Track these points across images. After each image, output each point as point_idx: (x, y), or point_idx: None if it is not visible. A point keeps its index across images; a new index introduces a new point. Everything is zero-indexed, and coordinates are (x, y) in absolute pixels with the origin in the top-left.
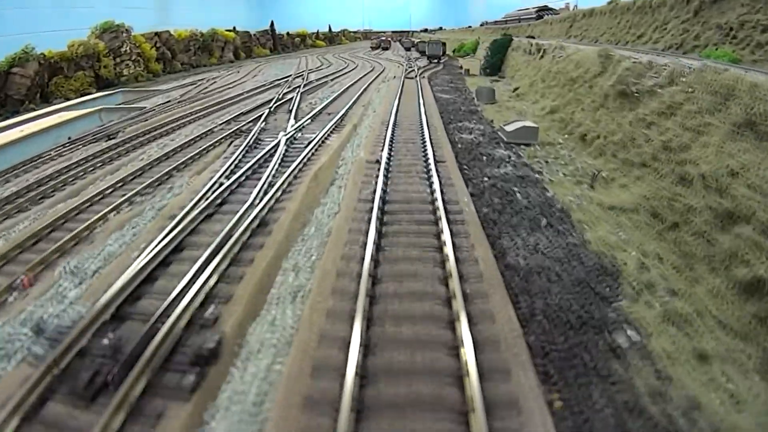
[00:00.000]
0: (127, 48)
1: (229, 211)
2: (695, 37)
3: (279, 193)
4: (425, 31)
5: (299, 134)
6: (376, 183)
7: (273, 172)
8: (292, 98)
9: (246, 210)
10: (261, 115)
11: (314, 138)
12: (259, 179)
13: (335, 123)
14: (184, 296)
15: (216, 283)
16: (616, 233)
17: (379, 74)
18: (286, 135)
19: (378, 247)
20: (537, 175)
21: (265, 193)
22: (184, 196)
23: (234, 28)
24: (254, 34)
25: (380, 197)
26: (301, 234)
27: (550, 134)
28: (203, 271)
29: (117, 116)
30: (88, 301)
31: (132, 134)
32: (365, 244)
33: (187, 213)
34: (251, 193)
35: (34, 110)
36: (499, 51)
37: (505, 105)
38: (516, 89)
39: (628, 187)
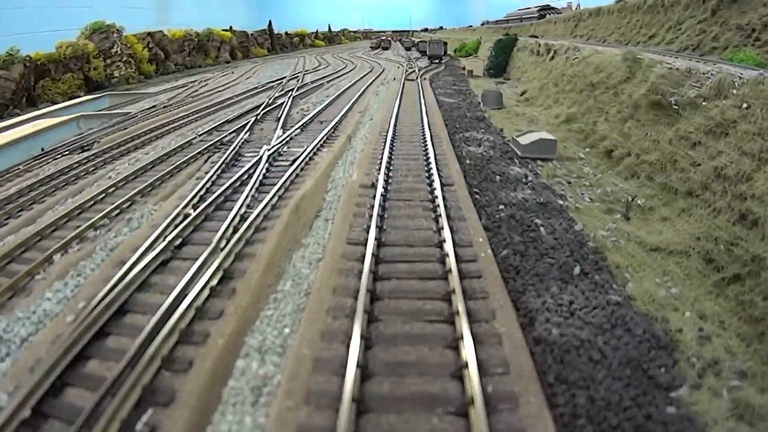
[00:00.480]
0: (118, 49)
1: (189, 255)
2: (713, 38)
3: (251, 231)
4: (425, 30)
5: (285, 148)
6: (371, 218)
7: (247, 200)
8: (282, 103)
9: (209, 256)
10: (246, 124)
11: (301, 153)
12: (231, 210)
13: (327, 134)
14: (117, 392)
15: (158, 371)
16: (665, 285)
17: (378, 75)
18: (270, 149)
19: (370, 317)
20: (560, 201)
21: (235, 230)
22: (142, 232)
23: (231, 27)
24: (252, 34)
25: (375, 238)
26: (274, 292)
27: (568, 147)
28: (144, 353)
29: (97, 124)
30: (11, 384)
31: (107, 146)
32: (354, 313)
33: (140, 257)
34: (219, 229)
35: (19, 115)
36: (503, 51)
37: (514, 111)
38: (524, 93)
39: (671, 222)
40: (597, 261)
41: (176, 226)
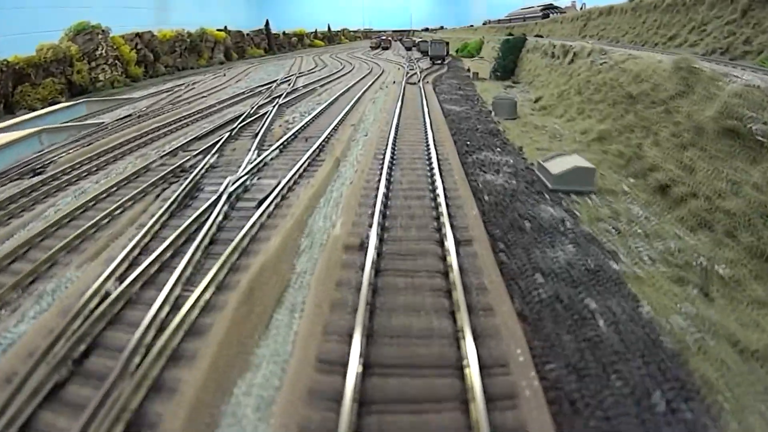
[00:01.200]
0: (103, 51)
1: (92, 372)
2: (745, 41)
3: (179, 335)
4: (426, 30)
5: (255, 179)
6: (355, 312)
7: (187, 273)
8: (266, 113)
9: (112, 386)
10: (218, 141)
11: (273, 189)
12: (160, 291)
13: (310, 157)
14: None
15: None
16: None
17: (377, 78)
18: (235, 182)
19: None
20: (613, 263)
21: (160, 330)
22: (46, 322)
23: (225, 27)
24: (248, 34)
25: (360, 355)
26: None
27: (606, 175)
28: None
29: (62, 138)
30: None
31: (62, 167)
32: None
33: (30, 373)
34: (138, 326)
35: None
36: (511, 52)
37: (531, 122)
38: (538, 99)
39: None
40: (679, 377)
41: (86, 317)
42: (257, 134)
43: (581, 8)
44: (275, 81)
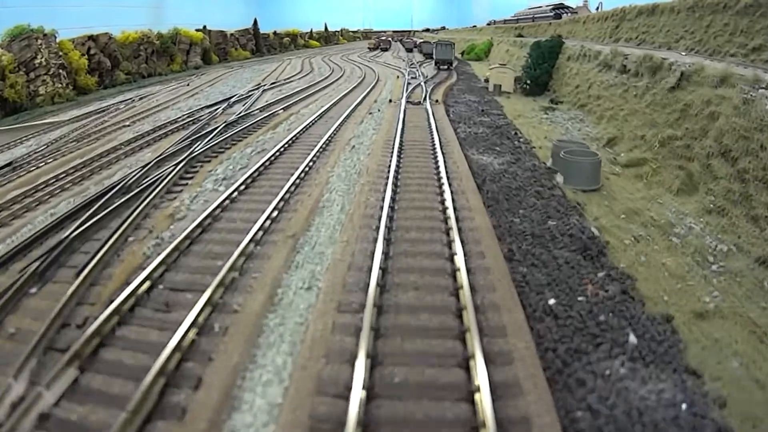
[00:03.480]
0: (43, 59)
1: None
2: None
3: None
4: (427, 30)
5: None
6: None
7: None
8: (155, 182)
9: None
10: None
11: None
12: None
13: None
14: None
15: None
16: None
17: (369, 91)
18: None
19: None
20: None
21: None
22: None
23: (204, 27)
24: (232, 34)
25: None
26: None
27: None
28: None
29: None
30: None
31: None
32: None
33: None
34: None
35: None
36: (543, 59)
37: (629, 202)
38: (612, 142)
39: None
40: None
41: None
42: (79, 272)
43: (597, 8)
44: (234, 96)
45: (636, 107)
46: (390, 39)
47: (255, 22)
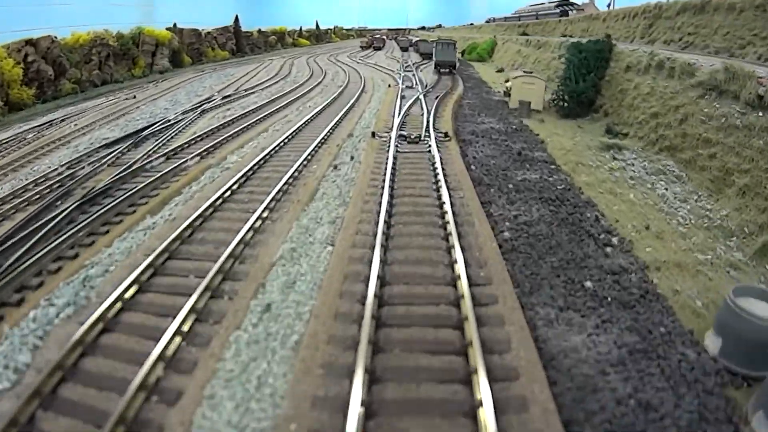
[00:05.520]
0: None
1: None
2: None
3: None
4: (422, 29)
5: None
6: None
7: None
8: None
9: None
10: None
11: None
12: None
13: None
14: None
15: None
16: None
17: (346, 111)
18: None
19: None
20: None
21: None
22: None
23: (174, 25)
24: (209, 33)
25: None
26: None
27: None
28: None
29: None
30: None
31: None
32: None
33: None
34: None
35: None
36: (586, 67)
37: None
38: (728, 216)
39: None
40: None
41: None
42: None
43: (609, 5)
44: (159, 122)
45: None
46: (384, 37)
47: (236, 19)
